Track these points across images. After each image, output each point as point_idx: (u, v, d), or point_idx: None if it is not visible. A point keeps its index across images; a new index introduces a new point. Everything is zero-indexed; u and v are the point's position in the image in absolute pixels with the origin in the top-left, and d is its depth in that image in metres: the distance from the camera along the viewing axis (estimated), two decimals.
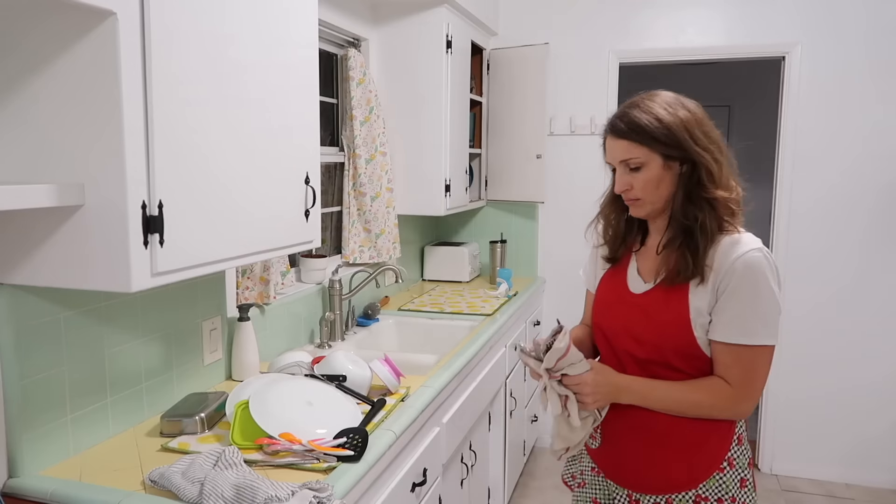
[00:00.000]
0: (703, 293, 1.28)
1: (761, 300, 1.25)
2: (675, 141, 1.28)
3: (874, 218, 3.22)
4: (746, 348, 1.27)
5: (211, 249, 1.33)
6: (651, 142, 1.28)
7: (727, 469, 1.34)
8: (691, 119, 1.29)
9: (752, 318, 1.26)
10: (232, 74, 1.36)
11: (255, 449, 1.41)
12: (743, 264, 1.25)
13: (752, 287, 1.25)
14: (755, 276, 1.25)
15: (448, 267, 3.53)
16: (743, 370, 1.28)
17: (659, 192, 1.32)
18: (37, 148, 1.16)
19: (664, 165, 1.30)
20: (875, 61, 3.13)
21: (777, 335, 1.29)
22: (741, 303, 1.26)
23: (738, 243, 1.28)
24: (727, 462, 1.34)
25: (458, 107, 3.01)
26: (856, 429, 3.35)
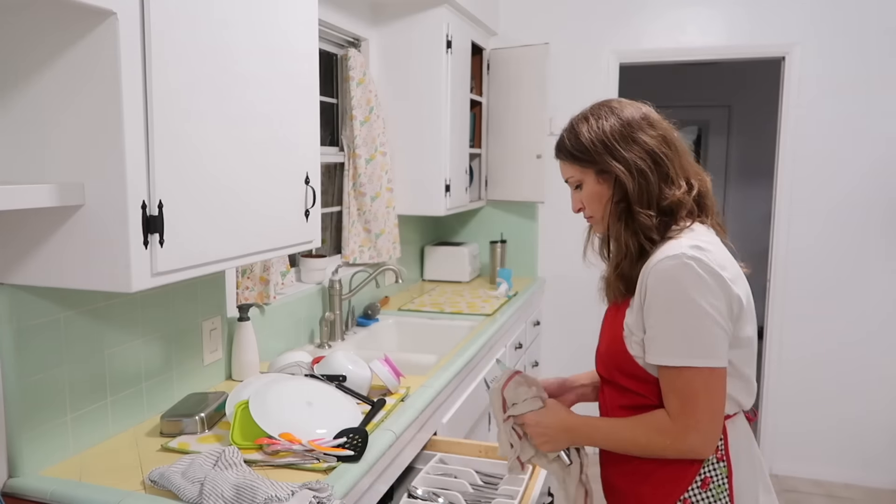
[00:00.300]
0: (632, 309, 1.20)
1: (678, 314, 1.11)
2: (592, 158, 1.24)
3: (874, 218, 3.22)
4: (674, 371, 1.13)
5: (211, 249, 1.33)
6: (576, 160, 1.27)
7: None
8: (616, 130, 1.22)
9: (670, 335, 1.12)
10: (232, 74, 1.36)
11: (255, 449, 1.41)
12: (654, 276, 1.14)
13: (665, 301, 1.12)
14: (666, 288, 1.12)
15: (448, 267, 3.53)
16: (678, 398, 1.13)
17: (604, 207, 1.26)
18: (37, 148, 1.16)
19: (598, 181, 1.25)
20: (875, 61, 3.13)
21: (713, 354, 1.11)
22: (656, 318, 1.14)
23: (659, 252, 1.16)
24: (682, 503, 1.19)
25: (458, 107, 3.01)
26: (856, 429, 3.35)
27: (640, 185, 1.20)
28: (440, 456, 1.75)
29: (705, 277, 1.10)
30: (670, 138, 1.25)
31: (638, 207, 1.20)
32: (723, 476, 1.18)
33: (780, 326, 3.40)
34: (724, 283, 1.12)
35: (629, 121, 1.24)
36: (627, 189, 1.20)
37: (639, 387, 1.21)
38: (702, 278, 1.10)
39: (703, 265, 1.11)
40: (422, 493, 1.55)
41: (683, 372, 1.12)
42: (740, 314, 1.15)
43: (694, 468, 1.18)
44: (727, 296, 1.12)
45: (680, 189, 1.21)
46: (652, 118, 1.26)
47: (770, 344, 3.43)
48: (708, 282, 1.10)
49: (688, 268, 1.11)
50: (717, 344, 1.12)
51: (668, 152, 1.23)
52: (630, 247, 1.21)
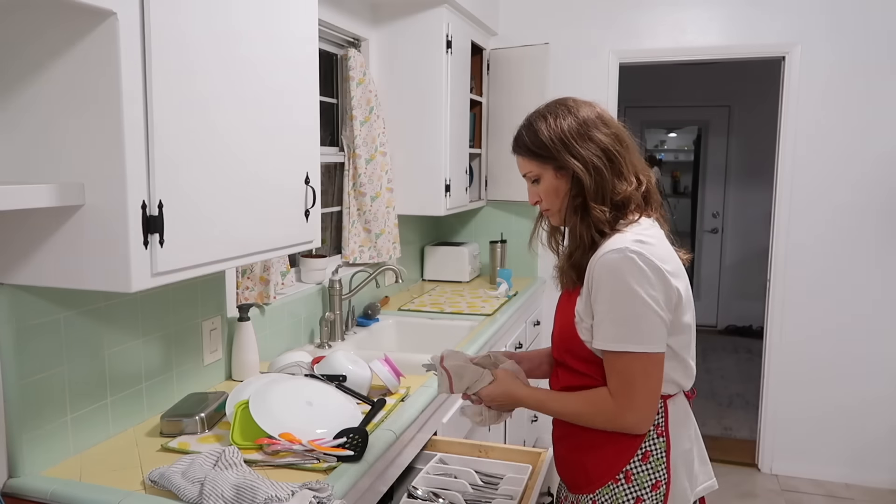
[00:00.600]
0: (581, 296, 1.28)
1: (620, 303, 1.20)
2: (551, 154, 1.30)
3: (874, 218, 3.22)
4: (615, 355, 1.22)
5: (211, 249, 1.33)
6: (535, 156, 1.33)
7: (622, 482, 1.29)
8: (573, 128, 1.29)
9: (612, 322, 1.21)
10: (232, 74, 1.36)
11: (255, 449, 1.41)
12: (599, 268, 1.22)
13: (608, 290, 1.21)
14: (609, 279, 1.20)
15: (448, 267, 3.53)
16: (618, 379, 1.23)
17: (561, 201, 1.33)
18: (37, 148, 1.16)
19: (556, 176, 1.32)
20: (875, 61, 3.13)
21: (651, 340, 1.20)
22: (601, 306, 1.22)
23: (605, 245, 1.24)
24: (623, 475, 1.29)
25: (458, 107, 3.01)
26: (856, 429, 3.35)
27: (596, 181, 1.27)
28: (440, 456, 1.75)
29: (645, 270, 1.19)
30: (622, 136, 1.32)
31: (593, 203, 1.27)
32: (661, 450, 1.29)
33: (780, 326, 3.40)
34: (663, 275, 1.20)
35: (585, 119, 1.31)
36: (584, 185, 1.27)
37: (587, 368, 1.30)
38: (642, 270, 1.19)
39: (644, 258, 1.19)
40: (422, 493, 1.55)
41: (623, 356, 1.21)
42: (678, 304, 1.24)
43: (636, 442, 1.28)
44: (665, 287, 1.21)
45: (631, 185, 1.29)
46: (605, 117, 1.33)
47: (770, 343, 3.43)
48: (648, 274, 1.19)
49: (630, 261, 1.19)
50: (654, 331, 1.20)
51: (621, 149, 1.30)
52: (584, 238, 1.29)
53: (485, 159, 3.59)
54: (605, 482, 1.30)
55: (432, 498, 1.54)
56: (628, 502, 1.28)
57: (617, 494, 1.29)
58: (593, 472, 1.32)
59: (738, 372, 5.21)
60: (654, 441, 1.29)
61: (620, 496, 1.29)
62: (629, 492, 1.29)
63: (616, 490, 1.30)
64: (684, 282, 1.27)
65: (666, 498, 1.28)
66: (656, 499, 1.28)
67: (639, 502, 1.28)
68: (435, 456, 1.75)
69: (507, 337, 2.85)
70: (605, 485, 1.30)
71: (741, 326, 6.22)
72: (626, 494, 1.29)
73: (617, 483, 1.29)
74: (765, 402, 3.48)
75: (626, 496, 1.29)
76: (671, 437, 1.29)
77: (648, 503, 1.28)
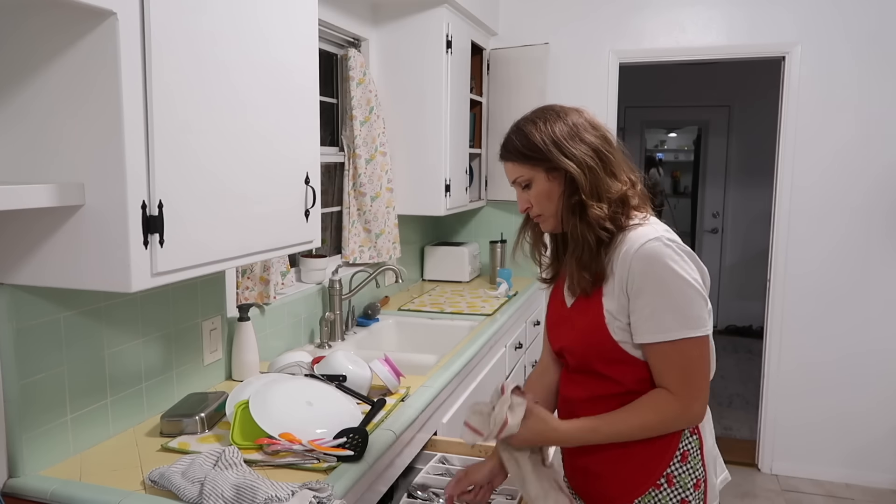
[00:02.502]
0: (611, 295, 1.25)
1: (670, 291, 1.19)
2: (545, 156, 1.29)
3: (874, 218, 3.22)
4: (671, 345, 1.19)
5: (211, 249, 1.33)
6: (527, 160, 1.32)
7: (665, 486, 1.27)
8: (564, 131, 1.29)
9: (665, 312, 1.19)
10: (232, 75, 1.36)
11: (255, 449, 1.41)
12: (639, 260, 1.21)
13: (656, 280, 1.19)
14: (654, 269, 1.19)
15: (448, 267, 3.53)
16: (678, 371, 1.21)
17: (553, 204, 1.32)
18: (37, 148, 1.16)
19: (548, 178, 1.31)
20: (875, 61, 3.13)
21: (703, 323, 1.20)
22: (650, 299, 1.20)
23: (633, 239, 1.23)
24: (665, 479, 1.27)
25: (458, 107, 3.01)
26: (856, 429, 3.35)
27: (590, 179, 1.27)
28: (440, 456, 1.75)
29: (683, 255, 1.22)
30: (610, 139, 1.34)
31: (590, 200, 1.26)
32: (696, 448, 1.29)
33: (780, 326, 3.40)
34: (696, 259, 1.24)
35: (574, 123, 1.31)
36: (579, 183, 1.27)
37: (619, 373, 1.27)
38: (681, 255, 1.21)
39: (679, 245, 1.23)
40: (422, 493, 1.55)
41: (681, 344, 1.19)
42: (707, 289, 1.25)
43: (674, 444, 1.27)
44: (701, 270, 1.25)
45: (624, 184, 1.30)
46: (593, 122, 1.34)
47: (770, 343, 3.43)
48: (686, 258, 1.22)
49: (670, 248, 1.21)
50: (703, 313, 1.21)
51: (611, 150, 1.32)
52: (587, 238, 1.27)
53: (485, 159, 3.59)
54: (645, 489, 1.27)
55: (432, 498, 1.54)
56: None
57: (660, 499, 1.27)
58: (631, 480, 1.28)
59: (738, 372, 5.21)
60: (690, 440, 1.28)
61: (664, 500, 1.27)
62: (673, 495, 1.26)
63: (659, 495, 1.27)
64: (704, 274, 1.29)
65: (705, 496, 1.29)
66: (698, 498, 1.28)
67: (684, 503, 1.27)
68: (435, 456, 1.75)
69: (507, 337, 2.85)
70: (646, 492, 1.27)
71: (741, 326, 6.22)
72: (671, 498, 1.26)
73: (659, 488, 1.27)
74: (765, 402, 3.48)
75: (670, 500, 1.27)
76: (703, 434, 1.30)
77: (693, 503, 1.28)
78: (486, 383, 2.46)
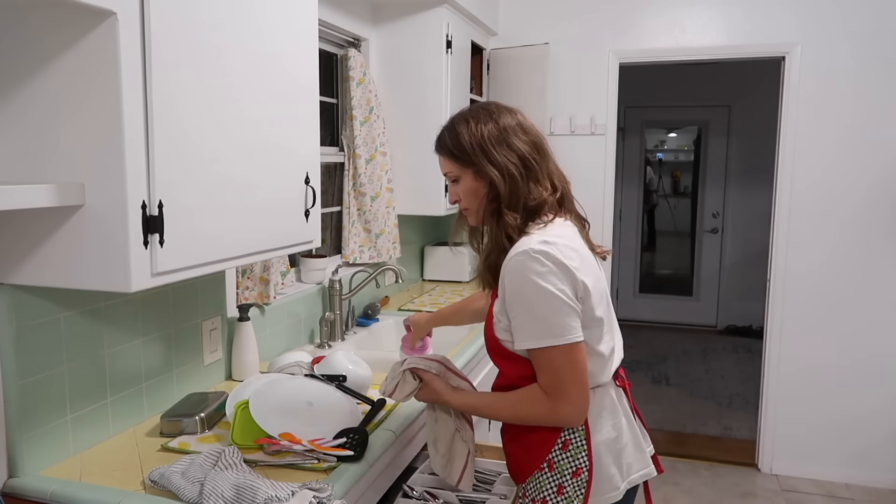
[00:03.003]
0: (499, 299, 1.33)
1: (531, 303, 1.25)
2: (470, 159, 1.36)
3: (874, 218, 3.22)
4: (539, 352, 1.27)
5: (211, 249, 1.33)
6: (456, 159, 1.39)
7: (546, 471, 1.35)
8: (493, 135, 1.35)
9: (530, 321, 1.26)
10: (232, 74, 1.36)
11: (256, 449, 1.41)
12: (508, 272, 1.28)
13: (519, 293, 1.26)
14: (517, 281, 1.26)
15: (448, 267, 3.53)
16: (548, 375, 1.28)
17: (479, 202, 1.39)
18: (37, 148, 1.16)
19: (475, 178, 1.37)
20: (875, 61, 3.13)
21: (569, 331, 1.25)
22: (517, 310, 1.28)
23: (516, 247, 1.29)
24: (547, 464, 1.35)
25: (458, 107, 3.00)
26: (856, 429, 3.35)
27: (511, 188, 1.33)
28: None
29: (551, 266, 1.24)
30: (540, 144, 1.39)
31: (506, 209, 1.33)
32: (581, 438, 1.34)
33: (780, 326, 3.40)
34: (568, 270, 1.25)
35: (505, 126, 1.36)
36: (499, 191, 1.34)
37: (505, 367, 1.39)
38: (548, 267, 1.24)
39: (549, 256, 1.24)
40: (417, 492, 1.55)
41: (546, 352, 1.26)
42: (586, 296, 1.28)
43: (555, 433, 1.34)
44: (572, 280, 1.26)
45: (546, 190, 1.36)
46: (525, 125, 1.40)
47: (770, 343, 3.43)
48: (553, 269, 1.24)
49: (535, 260, 1.24)
50: (569, 322, 1.25)
51: (538, 157, 1.36)
52: (499, 241, 1.34)
53: None
54: (531, 472, 1.37)
55: (427, 497, 1.54)
56: (551, 489, 1.34)
57: (541, 483, 1.36)
58: (522, 462, 1.40)
59: (738, 372, 5.21)
60: (574, 431, 1.34)
61: (544, 484, 1.35)
62: (552, 479, 1.35)
63: (541, 479, 1.36)
64: (593, 276, 1.32)
65: (589, 485, 1.33)
66: (578, 486, 1.33)
67: (560, 490, 1.34)
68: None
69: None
70: (532, 474, 1.37)
71: (741, 326, 6.22)
72: (550, 482, 1.35)
73: (541, 472, 1.36)
74: (765, 402, 3.48)
75: (549, 484, 1.35)
76: (591, 426, 1.34)
77: (570, 489, 1.33)
78: (486, 383, 2.45)
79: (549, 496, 1.34)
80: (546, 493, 1.34)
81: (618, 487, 1.36)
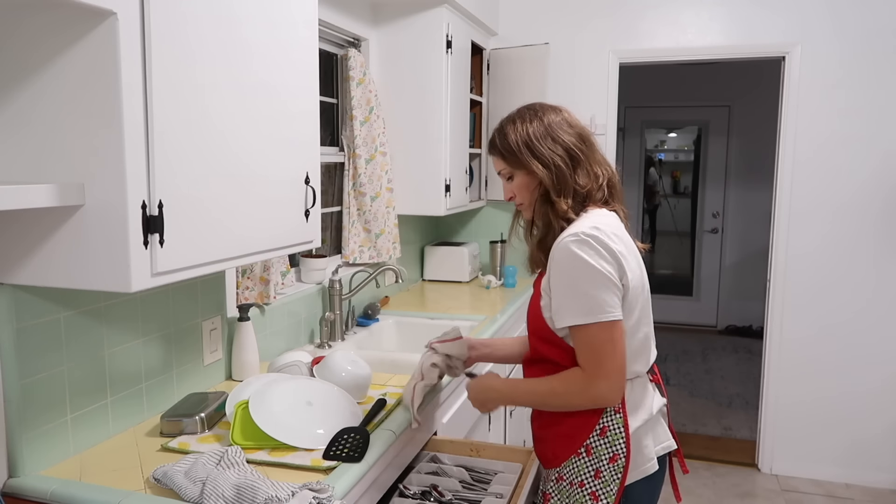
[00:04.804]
0: (546, 279, 1.41)
1: (578, 278, 1.32)
2: (518, 157, 1.46)
3: (874, 219, 3.22)
4: (580, 329, 1.33)
5: (211, 249, 1.33)
6: (505, 158, 1.49)
7: (584, 455, 1.40)
8: (539, 131, 1.44)
9: (573, 297, 1.33)
10: (233, 74, 1.36)
11: (257, 448, 1.41)
12: (559, 250, 1.35)
13: (567, 269, 1.33)
14: (567, 258, 1.33)
15: (448, 267, 3.53)
16: (587, 351, 1.33)
17: (531, 195, 1.48)
18: (37, 148, 1.16)
19: (525, 174, 1.46)
20: (875, 61, 3.13)
21: (610, 309, 1.31)
22: (561, 286, 1.35)
23: (567, 231, 1.37)
24: (584, 449, 1.40)
25: (458, 107, 3.01)
26: (855, 429, 3.35)
27: (557, 177, 1.42)
28: (432, 455, 1.75)
29: (599, 248, 1.32)
30: (585, 136, 1.47)
31: (555, 196, 1.42)
32: (619, 426, 1.38)
33: (779, 326, 3.40)
34: (615, 253, 1.33)
35: (549, 123, 1.46)
36: (545, 182, 1.43)
37: (549, 351, 1.42)
38: (596, 248, 1.32)
39: (598, 240, 1.32)
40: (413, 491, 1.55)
41: (588, 328, 1.32)
42: (628, 283, 1.35)
43: (594, 419, 1.39)
44: (618, 263, 1.33)
45: (595, 179, 1.44)
46: (570, 120, 1.49)
47: (770, 343, 3.43)
48: (601, 251, 1.32)
49: (584, 241, 1.32)
50: (611, 300, 1.32)
51: (584, 148, 1.45)
52: (552, 225, 1.43)
53: (485, 159, 3.59)
54: (568, 456, 1.42)
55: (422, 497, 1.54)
56: (589, 474, 1.40)
57: (579, 467, 1.41)
58: (558, 446, 1.44)
59: (738, 372, 5.21)
60: (612, 417, 1.38)
61: (582, 468, 1.40)
62: (589, 464, 1.40)
63: (578, 463, 1.41)
64: (637, 265, 1.40)
65: (625, 470, 1.38)
66: (615, 470, 1.38)
67: (598, 474, 1.39)
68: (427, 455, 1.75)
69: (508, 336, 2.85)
70: (569, 458, 1.42)
71: (741, 326, 6.22)
72: (588, 467, 1.40)
73: (579, 457, 1.41)
74: (765, 402, 3.48)
75: (587, 468, 1.40)
76: (628, 414, 1.39)
77: (607, 474, 1.38)
78: None
79: (587, 479, 1.39)
80: (584, 476, 1.40)
81: (652, 458, 1.43)
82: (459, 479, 1.63)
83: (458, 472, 1.66)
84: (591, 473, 1.39)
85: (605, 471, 1.38)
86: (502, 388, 1.53)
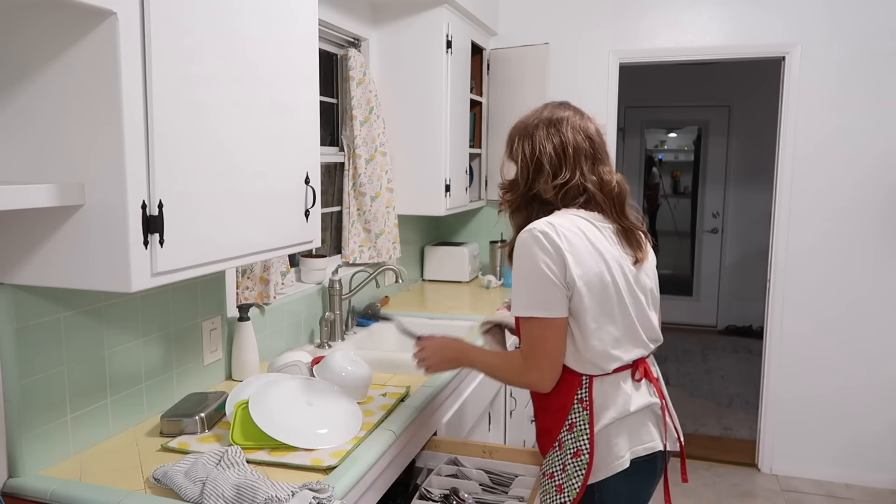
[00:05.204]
0: None
1: (522, 275, 1.39)
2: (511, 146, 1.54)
3: (874, 218, 3.22)
4: (523, 320, 1.41)
5: (211, 249, 1.33)
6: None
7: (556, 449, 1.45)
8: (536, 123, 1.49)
9: (517, 290, 1.41)
10: (233, 74, 1.36)
11: (257, 448, 1.41)
12: (516, 245, 1.43)
13: (516, 262, 1.41)
14: (518, 255, 1.40)
15: (448, 267, 3.53)
16: (525, 341, 1.42)
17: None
18: (37, 148, 1.16)
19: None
20: (874, 61, 3.13)
21: (551, 308, 1.36)
22: (516, 278, 1.42)
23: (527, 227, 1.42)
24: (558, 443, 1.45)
25: (458, 107, 3.01)
26: (855, 429, 3.35)
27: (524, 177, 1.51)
28: (452, 457, 1.76)
29: (547, 246, 1.36)
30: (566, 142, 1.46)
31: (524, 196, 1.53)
32: (584, 422, 1.41)
33: (779, 326, 3.40)
34: (563, 252, 1.36)
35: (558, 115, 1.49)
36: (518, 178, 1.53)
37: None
38: (544, 246, 1.36)
39: (548, 237, 1.36)
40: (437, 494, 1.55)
41: (529, 321, 1.39)
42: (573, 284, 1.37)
43: (563, 414, 1.44)
44: (563, 264, 1.36)
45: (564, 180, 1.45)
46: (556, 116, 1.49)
47: (770, 343, 3.43)
48: (549, 250, 1.36)
49: (535, 238, 1.37)
50: (552, 299, 1.36)
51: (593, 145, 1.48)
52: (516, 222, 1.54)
53: (485, 159, 3.59)
54: (549, 447, 1.47)
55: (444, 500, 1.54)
56: (558, 467, 1.44)
57: (552, 459, 1.46)
58: (544, 438, 1.50)
59: (738, 372, 5.21)
60: (579, 414, 1.42)
61: (554, 461, 1.45)
62: (559, 458, 1.45)
63: (552, 456, 1.46)
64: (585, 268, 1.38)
65: (589, 466, 1.40)
66: (578, 466, 1.41)
67: (564, 468, 1.43)
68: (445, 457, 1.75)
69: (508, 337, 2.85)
70: (550, 449, 1.47)
71: (741, 326, 6.22)
72: (558, 460, 1.45)
73: (554, 450, 1.46)
74: (765, 402, 3.48)
75: (557, 461, 1.45)
76: (595, 412, 1.42)
77: (570, 469, 1.42)
78: (486, 383, 2.46)
79: (556, 472, 1.44)
80: (554, 468, 1.45)
81: (622, 457, 1.42)
82: (479, 482, 1.63)
83: (478, 475, 1.66)
84: (560, 466, 1.44)
85: (569, 465, 1.42)
86: (463, 348, 1.59)
